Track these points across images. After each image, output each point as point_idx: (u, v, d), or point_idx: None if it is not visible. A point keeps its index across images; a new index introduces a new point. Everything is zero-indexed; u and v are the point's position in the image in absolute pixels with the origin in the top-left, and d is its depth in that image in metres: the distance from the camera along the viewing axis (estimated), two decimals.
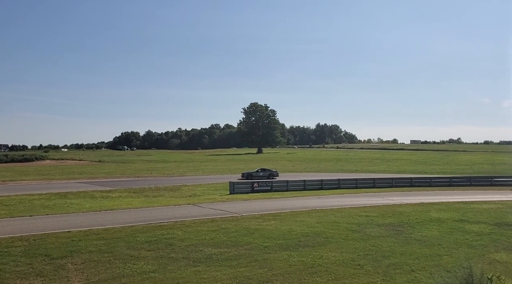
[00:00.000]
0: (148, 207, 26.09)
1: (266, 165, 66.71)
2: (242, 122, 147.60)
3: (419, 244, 16.71)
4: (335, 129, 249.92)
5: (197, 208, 25.70)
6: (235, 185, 34.86)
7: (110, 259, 14.31)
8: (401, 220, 21.64)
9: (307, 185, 38.26)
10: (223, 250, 15.43)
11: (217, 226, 19.55)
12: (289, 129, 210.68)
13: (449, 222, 21.22)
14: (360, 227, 19.82)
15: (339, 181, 40.24)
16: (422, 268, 13.58)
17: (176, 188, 37.80)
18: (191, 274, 12.86)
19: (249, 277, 12.54)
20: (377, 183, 40.82)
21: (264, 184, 36.71)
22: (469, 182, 42.48)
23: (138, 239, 16.88)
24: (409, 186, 40.69)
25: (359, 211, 24.26)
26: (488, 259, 14.75)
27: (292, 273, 12.99)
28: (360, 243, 16.86)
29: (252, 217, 22.11)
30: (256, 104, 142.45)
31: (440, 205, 26.97)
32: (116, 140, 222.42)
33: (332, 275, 12.88)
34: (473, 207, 25.85)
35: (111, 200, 30.48)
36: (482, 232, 19.07)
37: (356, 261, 14.35)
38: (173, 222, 20.43)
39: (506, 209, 25.08)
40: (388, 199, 30.62)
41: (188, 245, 16.05)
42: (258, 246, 15.99)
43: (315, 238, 17.48)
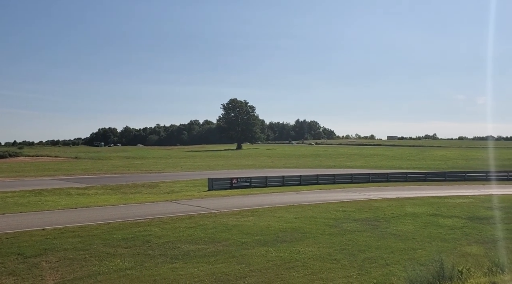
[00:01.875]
0: (125, 204, 25.80)
1: (245, 161, 66.87)
2: (221, 118, 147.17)
3: (394, 238, 17.03)
4: (314, 125, 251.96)
5: (175, 204, 25.56)
6: (213, 181, 34.79)
7: (86, 256, 14.13)
8: (377, 214, 22.00)
9: (286, 181, 38.46)
10: (201, 247, 15.41)
11: (195, 222, 19.50)
12: (269, 125, 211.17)
13: (424, 216, 21.68)
14: (337, 222, 20.07)
15: (317, 176, 40.58)
16: (397, 262, 13.85)
17: (154, 185, 37.50)
18: (168, 271, 12.82)
19: (227, 273, 12.58)
20: (355, 178, 41.32)
21: (243, 180, 36.73)
22: (444, 177, 43.40)
23: (115, 236, 16.71)
24: (385, 181, 41.33)
25: (337, 206, 24.54)
26: (460, 252, 15.14)
27: (269, 268, 13.09)
28: (336, 237, 17.08)
29: (231, 213, 22.12)
30: (235, 100, 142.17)
31: (415, 200, 27.52)
32: (93, 136, 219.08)
33: (309, 269, 13.02)
34: (447, 202, 26.46)
35: (88, 197, 30.05)
36: (455, 226, 19.56)
37: (333, 255, 14.54)
38: (150, 219, 20.27)
39: (478, 203, 25.76)
40: (365, 194, 31.06)
41: (166, 242, 15.97)
42: (236, 242, 16.03)
43: (293, 233, 17.63)
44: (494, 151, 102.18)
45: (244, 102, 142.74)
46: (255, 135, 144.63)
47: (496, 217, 21.48)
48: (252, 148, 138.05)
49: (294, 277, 12.38)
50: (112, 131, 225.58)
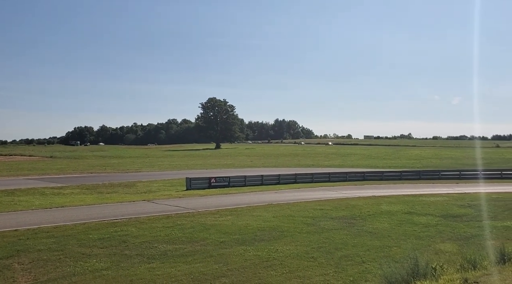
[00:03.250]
0: (102, 204, 25.42)
1: (224, 160, 66.70)
2: (200, 117, 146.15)
3: (370, 236, 17.29)
4: (293, 124, 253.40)
5: (152, 204, 25.33)
6: (191, 180, 34.57)
7: (61, 257, 13.87)
8: (353, 213, 22.29)
9: (265, 180, 38.54)
10: (178, 246, 15.32)
11: (173, 222, 19.37)
12: (248, 124, 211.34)
13: (399, 214, 22.08)
14: (315, 220, 20.25)
15: (295, 175, 40.81)
16: (373, 260, 14.07)
17: (130, 184, 37.03)
18: (145, 271, 12.71)
19: (204, 273, 12.55)
20: (332, 177, 41.77)
21: (222, 180, 36.65)
22: (418, 176, 44.26)
23: (91, 237, 16.46)
24: (362, 180, 41.90)
25: (314, 205, 24.76)
26: (434, 249, 15.47)
27: (247, 267, 13.11)
28: (314, 236, 17.24)
29: (209, 212, 22.06)
30: (214, 99, 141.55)
31: (391, 198, 28.00)
32: (69, 135, 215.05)
33: (286, 268, 13.11)
34: (421, 200, 27.00)
35: (63, 197, 29.47)
36: (429, 223, 19.98)
37: (310, 253, 14.67)
38: (127, 219, 20.04)
39: (452, 202, 26.37)
40: (342, 192, 31.42)
41: (142, 242, 15.82)
42: (214, 242, 16.00)
43: (271, 232, 17.70)
44: (468, 151, 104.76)
45: (224, 101, 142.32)
46: (234, 135, 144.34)
47: (468, 215, 22.06)
48: (231, 147, 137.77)
49: (271, 275, 12.44)
50: (89, 130, 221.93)
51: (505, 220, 20.66)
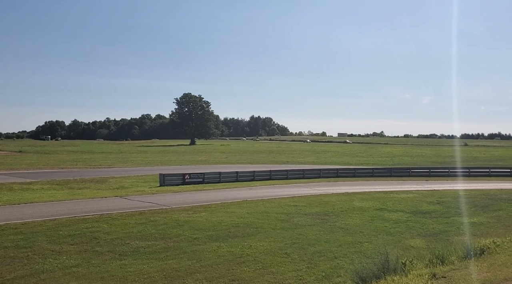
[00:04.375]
0: (73, 200, 24.89)
1: (199, 157, 66.26)
2: (174, 112, 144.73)
3: (342, 232, 17.54)
4: (268, 121, 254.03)
5: (124, 200, 24.98)
6: (165, 177, 34.22)
7: (29, 254, 13.53)
8: (327, 209, 22.56)
9: (240, 176, 38.50)
10: (151, 243, 15.17)
11: (146, 218, 19.16)
12: (223, 120, 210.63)
13: (371, 210, 22.48)
14: (289, 216, 20.39)
15: (270, 172, 40.95)
16: (345, 255, 14.28)
17: (103, 180, 36.38)
18: (117, 267, 12.54)
19: (177, 269, 12.47)
20: (306, 174, 42.12)
21: (196, 176, 36.42)
22: (390, 173, 45.13)
23: (61, 233, 16.11)
24: (335, 176, 42.39)
25: (288, 201, 24.94)
26: (404, 245, 15.83)
27: (220, 263, 13.10)
28: (288, 232, 17.37)
29: (182, 209, 21.91)
30: (189, 95, 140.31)
31: (363, 194, 28.47)
32: (39, 130, 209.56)
33: (259, 264, 13.16)
34: (392, 197, 27.57)
35: (32, 192, 28.69)
36: (400, 219, 20.43)
37: (284, 249, 14.77)
38: (98, 215, 19.70)
39: (421, 198, 27.03)
40: (315, 189, 31.74)
41: (114, 239, 15.60)
42: (187, 238, 15.92)
43: (245, 228, 17.73)
44: (437, 149, 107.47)
45: (199, 97, 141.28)
46: (209, 131, 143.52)
47: (437, 211, 22.66)
48: (206, 143, 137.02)
49: (245, 271, 12.47)
50: (60, 124, 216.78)
51: (471, 216, 21.32)
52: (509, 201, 26.01)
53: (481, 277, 7.33)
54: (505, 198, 27.19)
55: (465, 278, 7.50)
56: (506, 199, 26.59)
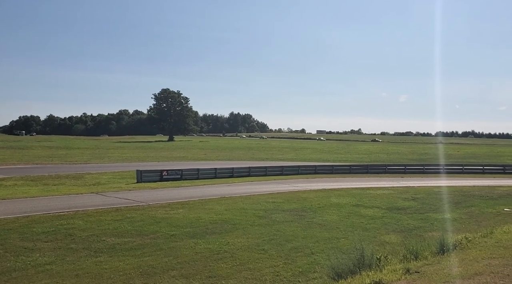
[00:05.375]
0: (47, 196, 24.43)
1: (177, 153, 65.73)
2: (152, 108, 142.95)
3: (319, 228, 17.70)
4: (248, 118, 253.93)
5: (101, 197, 24.63)
6: (142, 173, 33.88)
7: (0, 252, 13.20)
8: (304, 205, 22.73)
9: (218, 173, 38.42)
10: (127, 240, 15.02)
11: (122, 215, 18.95)
12: (203, 117, 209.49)
13: (347, 207, 22.75)
14: (267, 213, 20.46)
15: (249, 169, 40.98)
16: (321, 251, 14.41)
17: (79, 176, 35.78)
18: (92, 264, 12.36)
19: (154, 266, 12.38)
20: (285, 170, 42.33)
21: (174, 173, 36.18)
22: (366, 170, 45.75)
23: (34, 230, 15.80)
24: (313, 173, 42.74)
25: (267, 198, 25.03)
26: (379, 241, 16.06)
27: (197, 260, 13.06)
28: (265, 228, 17.43)
29: (160, 206, 21.75)
30: (168, 90, 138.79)
31: (340, 191, 28.78)
32: (13, 125, 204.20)
33: (237, 260, 13.18)
34: (369, 193, 27.96)
35: (5, 188, 28.01)
36: (375, 216, 20.73)
37: (261, 246, 14.82)
38: (74, 212, 19.38)
39: (397, 195, 27.50)
40: (294, 185, 31.94)
41: (90, 235, 15.38)
42: (164, 235, 15.82)
43: (223, 225, 17.72)
44: (412, 146, 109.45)
45: (177, 93, 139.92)
46: (188, 127, 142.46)
47: (412, 208, 23.09)
48: (185, 140, 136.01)
49: (222, 268, 12.46)
50: (35, 119, 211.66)
51: (445, 212, 21.80)
52: (481, 197, 26.71)
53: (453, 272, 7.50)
54: (477, 194, 27.90)
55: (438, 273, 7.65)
56: (478, 196, 27.29)
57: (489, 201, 25.42)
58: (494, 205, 23.73)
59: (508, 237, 10.86)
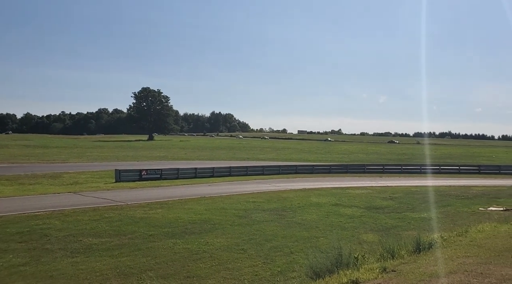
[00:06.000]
0: (23, 196, 23.91)
1: (157, 152, 65.09)
2: (132, 107, 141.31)
3: (299, 227, 17.78)
4: (229, 118, 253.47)
5: (78, 196, 24.23)
6: (121, 172, 33.47)
7: None
8: (284, 205, 22.81)
9: (198, 173, 38.23)
10: (105, 240, 14.81)
11: (100, 215, 18.68)
12: (183, 116, 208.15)
13: (327, 206, 22.93)
14: (247, 212, 20.46)
15: (230, 168, 40.91)
16: (300, 250, 14.47)
17: (56, 175, 35.10)
18: (68, 265, 12.15)
19: (131, 266, 12.23)
20: (266, 170, 42.40)
21: (153, 172, 35.85)
22: (346, 170, 46.19)
23: (8, 231, 15.45)
24: (294, 173, 42.96)
25: (247, 197, 25.02)
26: (358, 240, 16.22)
27: (176, 260, 12.96)
28: (245, 228, 17.41)
29: (138, 205, 21.52)
30: (148, 89, 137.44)
31: (320, 190, 28.99)
32: None
33: (216, 260, 13.12)
34: (348, 192, 28.24)
35: None
36: (354, 215, 20.95)
37: (240, 245, 14.80)
38: (50, 212, 19.02)
39: (375, 194, 27.86)
40: (274, 185, 32.02)
41: (66, 236, 15.12)
42: (142, 235, 15.65)
43: (202, 225, 17.63)
44: (391, 146, 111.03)
45: (158, 92, 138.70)
46: (169, 126, 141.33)
47: (390, 207, 23.42)
48: (165, 139, 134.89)
49: (200, 268, 12.39)
50: (11, 117, 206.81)
51: (422, 211, 22.16)
52: (457, 197, 27.26)
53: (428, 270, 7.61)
54: (454, 194, 28.47)
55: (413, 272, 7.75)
56: (454, 195, 27.84)
57: (465, 200, 25.97)
58: (469, 205, 24.25)
59: (482, 236, 11.09)
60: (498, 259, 7.75)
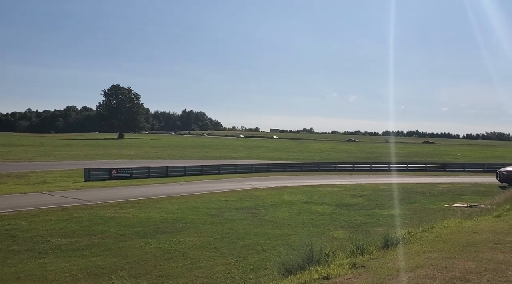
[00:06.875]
0: None
1: (127, 151, 64.05)
2: (102, 105, 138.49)
3: (271, 225, 17.93)
4: (201, 116, 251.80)
5: (46, 196, 23.63)
6: (90, 171, 32.80)
7: None
8: (257, 203, 22.93)
9: (170, 171, 37.85)
10: (74, 240, 14.54)
11: (69, 215, 18.30)
12: (154, 114, 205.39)
13: (298, 204, 23.19)
14: (219, 211, 20.46)
15: (202, 167, 40.72)
16: (272, 248, 14.61)
17: (22, 175, 34.04)
18: (35, 267, 11.87)
19: (101, 266, 12.06)
20: (238, 169, 42.37)
21: (124, 171, 35.29)
22: (317, 168, 46.76)
23: None
24: (266, 171, 43.13)
25: (219, 196, 25.01)
26: (328, 237, 16.50)
27: (147, 260, 12.86)
28: (218, 226, 17.43)
29: (108, 205, 21.18)
30: (118, 87, 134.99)
31: (292, 188, 29.26)
32: None
33: (188, 259, 13.10)
34: (319, 190, 28.63)
35: None
36: (325, 212, 21.28)
37: (213, 244, 14.81)
38: (16, 212, 18.49)
39: (345, 192, 28.34)
40: (247, 183, 32.10)
41: (34, 236, 14.75)
42: (113, 235, 15.44)
43: (174, 224, 17.54)
44: (360, 145, 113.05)
45: (128, 89, 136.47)
46: (139, 124, 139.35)
47: (359, 204, 23.89)
48: (135, 137, 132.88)
49: (172, 267, 12.35)
50: None
51: (390, 208, 22.72)
52: (424, 194, 28.05)
53: (396, 266, 7.84)
54: (420, 191, 29.28)
55: (382, 267, 7.97)
56: (421, 193, 28.64)
57: (431, 197, 26.76)
58: (435, 202, 25.01)
59: (447, 232, 11.47)
60: (461, 253, 8.05)
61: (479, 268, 6.76)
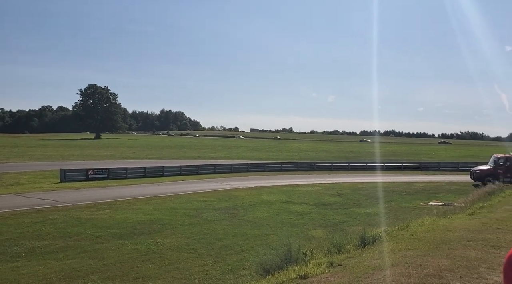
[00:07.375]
0: None
1: (104, 151, 62.98)
2: (78, 104, 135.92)
3: (250, 225, 17.93)
4: (180, 116, 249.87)
5: (20, 198, 23.07)
6: (66, 172, 32.17)
7: None
8: (236, 203, 22.89)
9: (148, 172, 37.44)
10: (49, 243, 14.24)
11: (43, 217, 17.91)
12: (132, 114, 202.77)
13: (277, 203, 23.25)
14: (198, 212, 20.35)
15: (180, 167, 40.42)
16: (251, 248, 14.62)
17: None
18: (7, 270, 11.58)
19: (77, 269, 11.85)
20: (217, 169, 42.19)
21: (100, 172, 34.74)
22: (296, 167, 46.98)
23: None
24: (246, 171, 43.06)
25: (198, 197, 24.87)
26: (307, 236, 16.61)
27: (124, 261, 12.70)
28: (196, 227, 17.33)
29: (84, 206, 20.82)
30: (95, 86, 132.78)
31: (271, 188, 29.32)
32: None
33: (166, 260, 12.99)
34: (298, 190, 28.78)
35: None
36: (304, 211, 21.40)
37: (191, 245, 14.72)
38: None
39: (324, 191, 28.57)
40: (226, 184, 32.01)
41: (6, 239, 14.39)
42: (89, 236, 15.19)
43: (152, 225, 17.36)
44: (339, 144, 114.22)
45: (105, 89, 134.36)
46: (116, 124, 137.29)
47: (337, 203, 24.13)
48: (113, 138, 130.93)
49: (150, 268, 12.22)
50: None
51: (367, 207, 23.02)
52: (400, 193, 28.52)
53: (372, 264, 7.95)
54: (396, 190, 29.75)
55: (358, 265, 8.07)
56: (397, 191, 29.11)
57: (407, 196, 27.21)
58: (411, 200, 25.45)
59: (422, 230, 11.69)
60: (435, 251, 8.21)
61: (452, 265, 6.91)
